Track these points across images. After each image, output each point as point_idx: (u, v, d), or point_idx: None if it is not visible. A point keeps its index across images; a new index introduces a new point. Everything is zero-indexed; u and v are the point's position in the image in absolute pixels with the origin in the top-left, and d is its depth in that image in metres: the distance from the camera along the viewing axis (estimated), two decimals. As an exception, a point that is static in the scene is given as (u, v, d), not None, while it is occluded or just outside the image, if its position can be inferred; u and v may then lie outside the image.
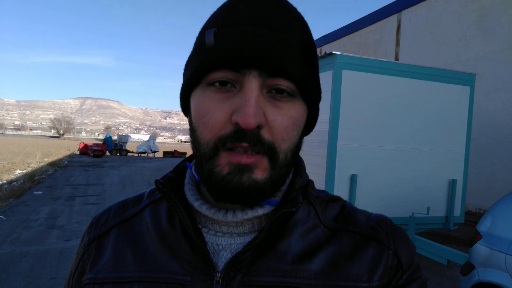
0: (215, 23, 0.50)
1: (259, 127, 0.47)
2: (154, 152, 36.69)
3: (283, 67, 0.46)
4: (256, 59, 0.45)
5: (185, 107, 0.57)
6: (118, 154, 34.21)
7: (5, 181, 12.69)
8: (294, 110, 0.50)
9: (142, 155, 36.06)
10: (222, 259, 0.53)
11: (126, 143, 36.62)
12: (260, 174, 0.48)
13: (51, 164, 19.33)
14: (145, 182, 14.09)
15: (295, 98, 0.50)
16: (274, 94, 0.49)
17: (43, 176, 14.90)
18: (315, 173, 5.22)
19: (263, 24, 0.47)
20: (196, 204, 0.55)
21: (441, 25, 10.11)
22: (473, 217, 8.22)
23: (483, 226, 3.32)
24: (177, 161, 27.46)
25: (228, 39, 0.46)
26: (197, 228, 0.52)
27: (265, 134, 0.48)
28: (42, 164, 19.42)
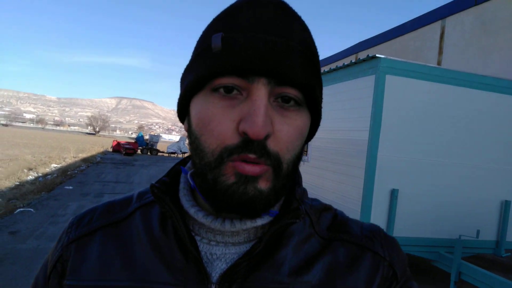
0: (221, 28, 0.48)
1: (266, 136, 0.45)
2: (184, 153, 37.12)
3: (293, 76, 0.46)
4: (267, 67, 0.45)
5: (183, 113, 0.55)
6: (148, 153, 34.85)
7: (40, 174, 13.08)
8: (300, 120, 0.50)
9: (172, 155, 36.58)
10: (216, 269, 0.52)
11: (157, 142, 37.26)
12: (264, 184, 0.47)
13: (85, 160, 19.85)
14: (173, 183, 14.07)
15: (301, 107, 0.50)
16: (281, 102, 0.48)
17: (76, 171, 15.24)
18: (351, 184, 4.85)
19: (272, 31, 0.46)
20: (192, 211, 0.53)
21: (490, 32, 9.44)
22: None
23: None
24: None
25: (237, 45, 0.45)
26: (192, 236, 0.51)
27: (271, 144, 0.47)
28: (76, 159, 20.01)
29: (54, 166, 16.83)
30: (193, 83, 0.49)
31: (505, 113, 4.91)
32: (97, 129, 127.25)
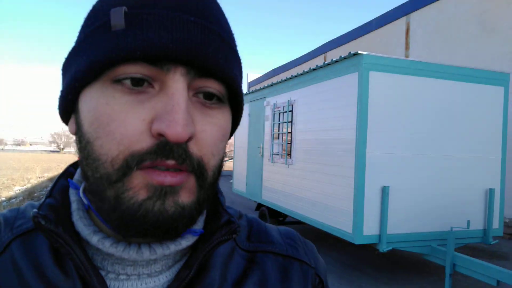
0: (123, 1, 0.37)
1: (188, 139, 0.37)
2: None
3: (216, 66, 0.38)
4: (186, 53, 0.36)
5: (66, 111, 0.43)
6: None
7: (3, 198, 12.25)
8: (224, 119, 0.43)
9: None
10: None
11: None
12: (186, 197, 0.38)
13: (51, 179, 18.89)
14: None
15: (224, 104, 0.43)
16: (203, 99, 0.40)
17: (43, 192, 14.42)
18: (340, 185, 4.77)
19: (191, 11, 0.37)
20: (94, 239, 0.40)
21: (453, 26, 9.75)
22: (510, 229, 7.72)
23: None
24: None
25: (147, 24, 0.36)
26: (100, 275, 0.40)
27: (193, 148, 0.38)
28: (42, 179, 19.04)
29: (18, 188, 15.92)
30: (85, 71, 0.38)
31: (485, 103, 5.00)
32: (61, 146, 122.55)
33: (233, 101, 0.45)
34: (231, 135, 0.50)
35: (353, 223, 4.45)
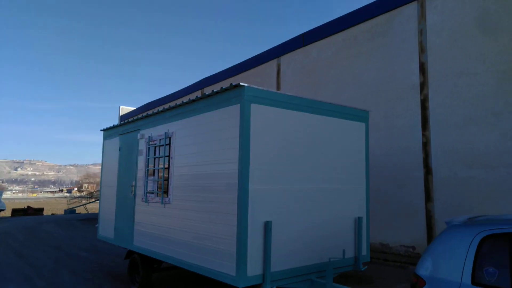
0: None
1: None
2: (0, 210, 30.08)
3: None
4: None
5: None
6: None
7: None
8: None
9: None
10: None
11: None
12: None
13: None
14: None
15: None
16: None
17: None
18: (222, 223, 4.43)
19: None
20: None
21: (317, 70, 10.84)
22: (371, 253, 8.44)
23: (424, 270, 3.01)
24: (30, 219, 22.85)
25: None
26: None
27: None
28: None
29: None
30: None
31: (350, 137, 5.44)
32: None
33: None
34: None
35: (236, 264, 4.12)
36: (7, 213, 31.34)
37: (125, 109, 22.25)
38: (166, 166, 5.60)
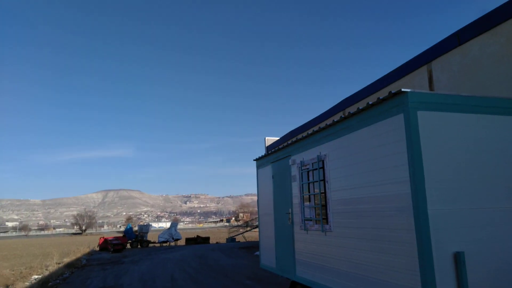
0: None
1: None
2: (177, 239, 34.86)
3: None
4: None
5: None
6: (139, 246, 32.49)
7: (17, 291, 11.35)
8: None
9: (164, 244, 34.21)
10: None
11: (147, 233, 35.03)
12: None
13: (69, 265, 17.88)
14: (168, 277, 12.42)
15: None
16: None
17: (58, 281, 13.41)
18: (396, 253, 3.78)
19: None
20: None
21: (481, 69, 9.17)
22: None
23: None
24: (200, 247, 25.66)
25: None
26: None
27: None
28: (60, 265, 18.10)
29: (35, 277, 15.04)
30: None
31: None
32: (83, 228, 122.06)
33: None
34: None
35: (423, 303, 3.40)
36: (182, 241, 36.08)
37: (270, 139, 23.37)
38: (322, 191, 5.31)
